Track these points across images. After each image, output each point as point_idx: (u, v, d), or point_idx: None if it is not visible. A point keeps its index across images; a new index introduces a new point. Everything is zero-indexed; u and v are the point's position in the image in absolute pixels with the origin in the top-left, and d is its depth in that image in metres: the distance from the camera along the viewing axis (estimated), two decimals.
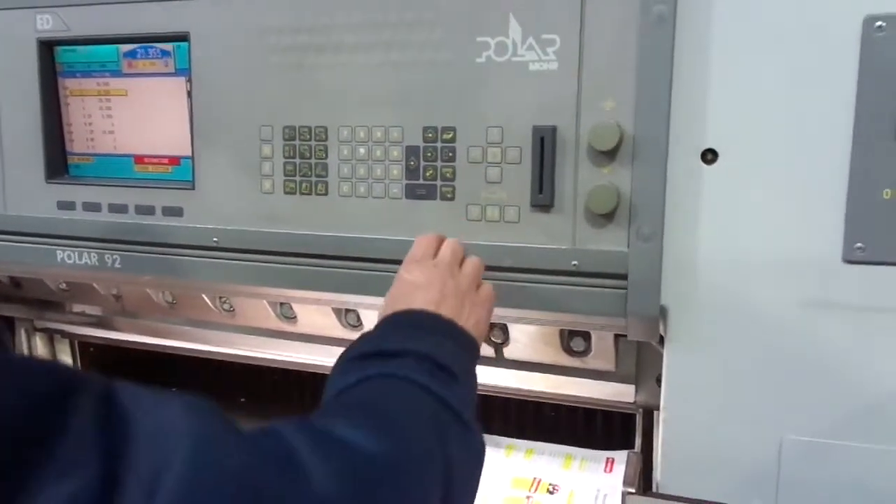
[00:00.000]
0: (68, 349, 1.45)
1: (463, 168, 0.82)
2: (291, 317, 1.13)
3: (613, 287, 0.78)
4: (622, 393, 1.02)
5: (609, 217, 0.77)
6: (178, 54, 0.94)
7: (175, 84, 0.95)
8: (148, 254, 0.98)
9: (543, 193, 0.79)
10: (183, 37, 0.92)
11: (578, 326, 0.94)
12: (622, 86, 0.75)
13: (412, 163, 0.84)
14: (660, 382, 0.86)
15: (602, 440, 1.09)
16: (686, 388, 0.81)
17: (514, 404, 1.12)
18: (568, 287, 0.80)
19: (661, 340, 0.82)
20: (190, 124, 0.94)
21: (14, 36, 1.00)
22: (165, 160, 0.98)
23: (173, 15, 0.92)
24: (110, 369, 1.44)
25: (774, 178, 0.74)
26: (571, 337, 1.00)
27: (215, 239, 0.94)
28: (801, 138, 0.72)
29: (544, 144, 0.78)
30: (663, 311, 0.79)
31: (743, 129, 0.74)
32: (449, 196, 0.83)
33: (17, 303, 1.35)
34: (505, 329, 1.01)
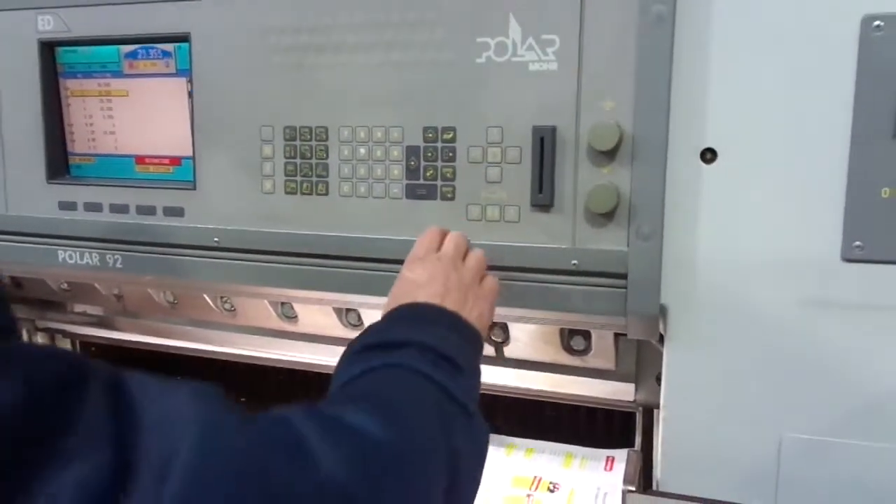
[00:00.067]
0: (69, 349, 1.45)
1: (463, 168, 0.83)
2: (292, 316, 1.14)
3: (613, 286, 0.78)
4: (622, 391, 1.02)
5: (609, 216, 0.78)
6: (179, 55, 0.94)
7: (176, 84, 0.95)
8: (149, 254, 0.98)
9: (543, 193, 0.79)
10: (184, 37, 0.92)
11: (578, 325, 0.94)
12: (622, 86, 0.75)
13: (412, 163, 0.85)
14: (660, 381, 0.86)
15: (602, 439, 1.10)
16: (686, 387, 0.82)
17: (515, 403, 1.13)
18: (568, 286, 0.80)
19: (661, 339, 0.82)
20: (191, 125, 0.94)
21: (15, 37, 1.01)
22: (166, 160, 0.98)
23: (174, 16, 0.92)
24: None
25: (773, 178, 0.74)
26: (572, 336, 1.00)
27: (216, 239, 0.94)
28: (800, 137, 0.72)
29: (544, 144, 0.78)
30: (663, 310, 0.79)
31: (742, 129, 0.74)
32: (449, 196, 0.84)
33: (19, 303, 1.35)
34: (505, 328, 1.02)
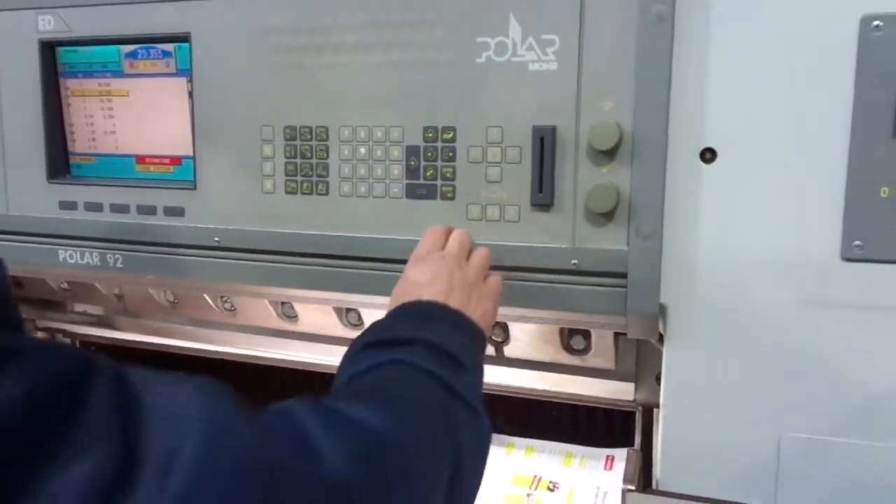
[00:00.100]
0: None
1: (463, 168, 0.83)
2: (292, 316, 1.14)
3: (613, 285, 0.78)
4: (622, 391, 1.02)
5: (609, 216, 0.78)
6: (180, 55, 0.94)
7: (176, 84, 0.95)
8: (150, 253, 0.98)
9: (543, 193, 0.79)
10: (184, 37, 0.93)
11: (578, 325, 0.95)
12: (621, 86, 0.75)
13: (413, 162, 0.85)
14: (659, 380, 0.86)
15: (602, 438, 1.10)
16: (685, 386, 0.82)
17: (515, 402, 1.13)
18: (568, 286, 0.80)
19: (661, 338, 0.82)
20: (191, 124, 0.94)
21: (16, 36, 1.01)
22: (167, 160, 0.98)
23: (174, 15, 0.92)
24: None
25: (773, 177, 0.74)
26: (571, 335, 1.00)
27: (217, 239, 0.94)
28: (800, 137, 0.73)
29: (544, 144, 0.78)
30: (663, 310, 0.79)
31: (741, 129, 0.74)
32: (449, 195, 0.84)
33: (19, 302, 1.35)
34: (505, 328, 1.02)
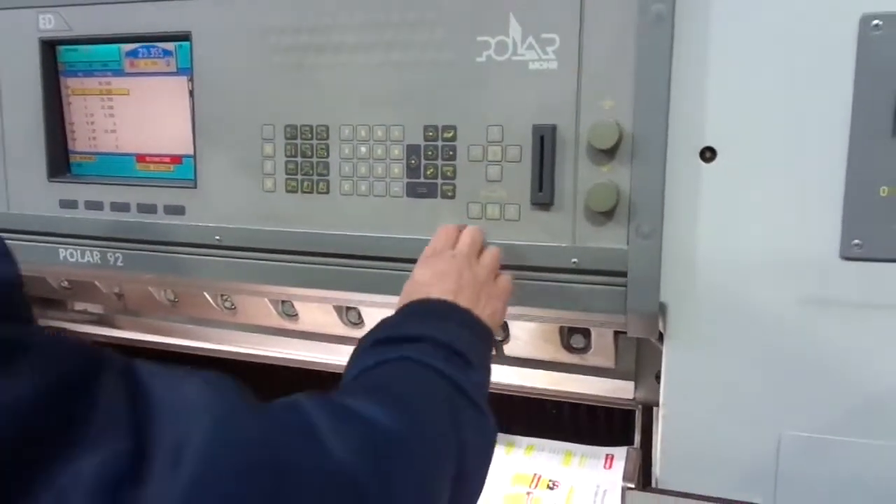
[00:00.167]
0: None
1: (463, 166, 0.83)
2: (293, 314, 1.14)
3: (613, 284, 0.79)
4: (622, 389, 1.02)
5: (609, 215, 0.78)
6: (180, 54, 0.94)
7: (177, 83, 0.95)
8: (150, 252, 0.98)
9: (543, 191, 0.79)
10: (185, 36, 0.93)
11: (578, 323, 0.95)
12: (621, 85, 0.75)
13: (413, 161, 0.85)
14: (659, 379, 0.86)
15: (602, 436, 1.10)
16: (685, 385, 0.82)
17: (515, 401, 1.13)
18: (568, 284, 0.80)
19: (661, 337, 0.82)
20: (192, 123, 0.94)
21: (16, 35, 1.01)
22: (167, 159, 0.98)
23: (175, 14, 0.92)
24: None
25: (773, 176, 0.74)
26: (571, 334, 1.01)
27: (217, 237, 0.94)
28: (799, 136, 0.73)
29: (544, 143, 0.79)
30: (662, 308, 0.80)
31: (741, 128, 0.74)
32: (450, 194, 0.84)
33: None
34: (505, 326, 1.02)
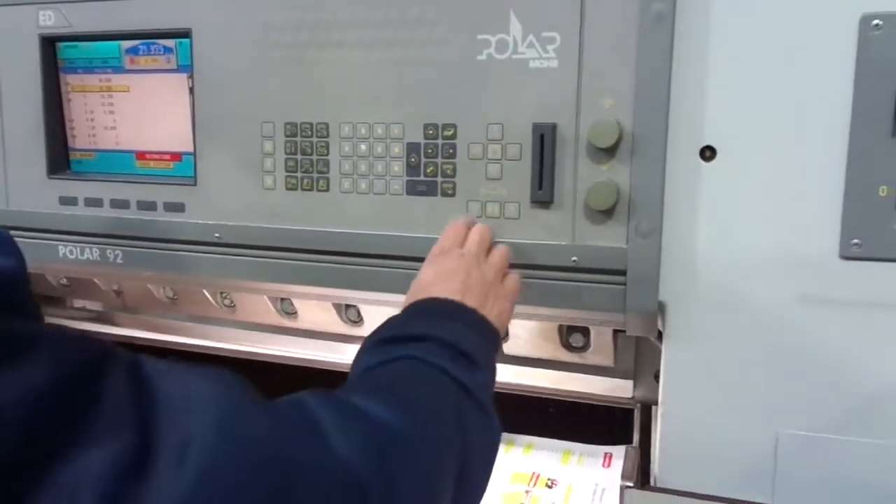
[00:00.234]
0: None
1: (463, 164, 0.83)
2: (292, 312, 1.14)
3: (612, 283, 0.79)
4: (621, 388, 1.02)
5: (608, 213, 0.78)
6: (181, 51, 0.94)
7: (177, 80, 0.95)
8: (150, 249, 0.98)
9: (543, 190, 0.80)
10: (185, 33, 0.93)
11: (577, 322, 0.95)
12: (621, 83, 0.75)
13: (413, 159, 0.85)
14: (658, 377, 0.86)
15: (600, 435, 1.10)
16: (684, 384, 0.82)
17: (514, 399, 1.13)
18: (567, 283, 0.81)
19: (660, 336, 0.82)
20: (192, 120, 0.94)
21: (16, 32, 1.01)
22: (167, 156, 0.98)
23: (175, 11, 0.92)
24: None
25: (772, 176, 0.74)
26: (570, 333, 1.01)
27: (217, 235, 0.94)
28: (799, 136, 0.73)
29: (544, 141, 0.79)
30: (662, 307, 0.80)
31: (741, 127, 0.74)
32: (449, 192, 0.84)
33: None
34: None
